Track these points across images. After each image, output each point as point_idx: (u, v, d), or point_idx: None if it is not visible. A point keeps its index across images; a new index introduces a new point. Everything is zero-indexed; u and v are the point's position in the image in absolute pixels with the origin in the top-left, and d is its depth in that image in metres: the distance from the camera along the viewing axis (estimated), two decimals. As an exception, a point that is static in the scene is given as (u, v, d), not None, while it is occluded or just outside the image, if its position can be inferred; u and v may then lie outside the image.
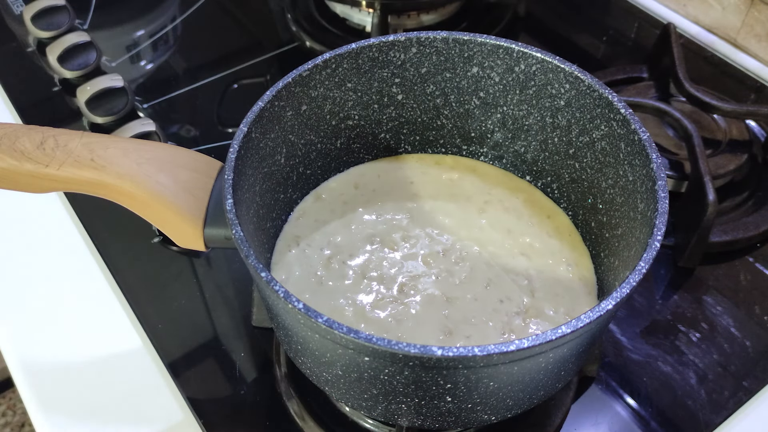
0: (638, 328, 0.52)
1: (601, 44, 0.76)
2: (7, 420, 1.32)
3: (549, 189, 0.51)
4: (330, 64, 0.46)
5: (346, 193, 0.51)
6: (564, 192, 0.50)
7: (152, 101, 0.68)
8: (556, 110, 0.47)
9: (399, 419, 0.40)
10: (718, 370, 0.49)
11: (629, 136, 0.42)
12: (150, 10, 0.79)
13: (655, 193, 0.39)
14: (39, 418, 0.48)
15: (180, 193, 0.41)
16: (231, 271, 0.55)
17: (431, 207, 0.50)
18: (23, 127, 0.42)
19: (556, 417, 0.47)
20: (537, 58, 0.46)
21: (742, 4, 0.71)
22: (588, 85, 0.44)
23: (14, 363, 0.50)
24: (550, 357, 0.36)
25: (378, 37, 0.47)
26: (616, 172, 0.44)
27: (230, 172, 0.39)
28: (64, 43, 0.67)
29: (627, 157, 0.43)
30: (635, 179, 0.42)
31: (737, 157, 0.59)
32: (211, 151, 0.63)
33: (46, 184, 0.41)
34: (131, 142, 0.42)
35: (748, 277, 0.55)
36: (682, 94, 0.63)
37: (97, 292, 0.54)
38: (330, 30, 0.76)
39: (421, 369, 0.34)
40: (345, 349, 0.35)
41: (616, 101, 0.43)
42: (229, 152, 0.40)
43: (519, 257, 0.47)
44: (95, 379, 0.49)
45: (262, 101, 0.43)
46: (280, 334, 0.42)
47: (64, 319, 0.53)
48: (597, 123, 0.45)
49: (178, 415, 0.48)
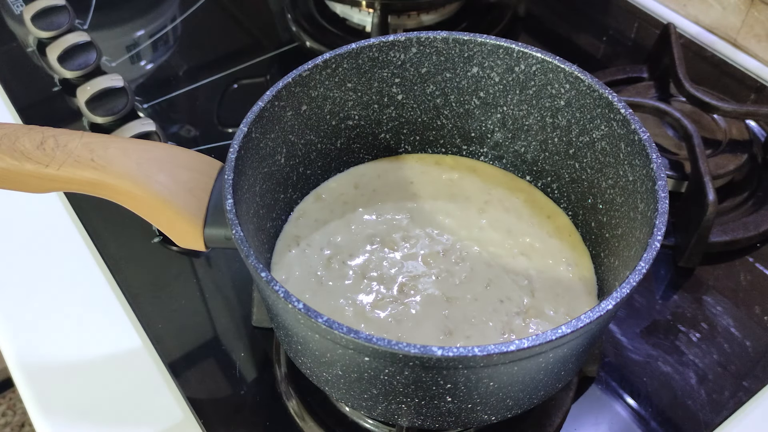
0: (638, 328, 0.52)
1: (601, 44, 0.76)
2: (7, 420, 1.32)
3: (549, 189, 0.51)
4: (330, 64, 0.46)
5: (346, 193, 0.51)
6: (564, 192, 0.50)
7: (152, 101, 0.69)
8: (556, 110, 0.47)
9: (399, 419, 0.40)
10: (718, 370, 0.49)
11: (629, 136, 0.42)
12: (150, 10, 0.79)
13: (655, 193, 0.39)
14: (39, 418, 0.48)
15: (180, 193, 0.41)
16: (231, 271, 0.55)
17: (431, 207, 0.50)
18: (23, 127, 0.42)
19: (556, 417, 0.47)
20: (537, 58, 0.46)
21: (742, 4, 0.71)
22: (588, 85, 0.44)
23: (14, 363, 0.50)
24: (550, 357, 0.36)
25: (378, 37, 0.47)
26: (616, 172, 0.44)
27: (230, 172, 0.39)
28: (64, 43, 0.67)
29: (627, 157, 0.43)
30: (635, 179, 0.42)
31: (737, 157, 0.59)
32: (211, 151, 0.63)
33: (46, 184, 0.41)
34: (131, 142, 0.42)
35: (748, 277, 0.55)
36: (682, 94, 0.63)
37: (97, 292, 0.54)
38: (330, 30, 0.76)
39: (421, 369, 0.34)
40: (345, 349, 0.35)
41: (616, 101, 0.43)
42: (229, 152, 0.40)
43: (519, 257, 0.47)
44: (95, 379, 0.49)
45: (262, 101, 0.43)
46: (280, 334, 0.42)
47: (64, 319, 0.53)
48: (597, 123, 0.45)
49: (178, 415, 0.48)
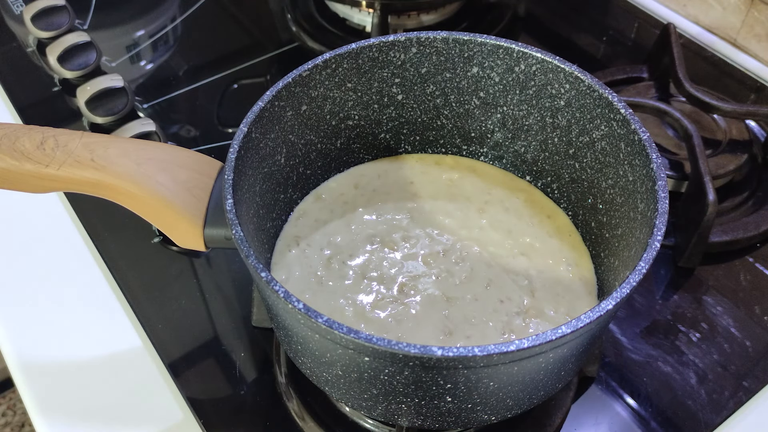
0: (638, 328, 0.52)
1: (601, 44, 0.76)
2: (7, 420, 1.32)
3: (549, 189, 0.51)
4: (330, 64, 0.46)
5: (346, 193, 0.51)
6: (564, 192, 0.50)
7: (152, 101, 0.69)
8: (556, 110, 0.47)
9: (399, 419, 0.40)
10: (718, 370, 0.49)
11: (629, 136, 0.42)
12: (150, 10, 0.79)
13: (655, 193, 0.39)
14: (39, 418, 0.48)
15: (180, 193, 0.41)
16: (231, 271, 0.55)
17: (431, 207, 0.50)
18: (23, 127, 0.42)
19: (556, 417, 0.47)
20: (537, 58, 0.46)
21: (742, 4, 0.71)
22: (588, 85, 0.44)
23: (14, 363, 0.50)
24: (550, 357, 0.36)
25: (378, 37, 0.47)
26: (616, 172, 0.44)
27: (230, 172, 0.39)
28: (64, 43, 0.67)
29: (627, 157, 0.43)
30: (635, 179, 0.42)
31: (737, 157, 0.59)
32: (211, 151, 0.63)
33: (46, 184, 0.41)
34: (131, 142, 0.42)
35: (748, 277, 0.55)
36: (682, 94, 0.63)
37: (97, 292, 0.54)
38: (330, 30, 0.76)
39: (421, 369, 0.34)
40: (345, 349, 0.35)
41: (616, 101, 0.43)
42: (229, 152, 0.40)
43: (519, 257, 0.47)
44: (95, 379, 0.49)
45: (262, 101, 0.43)
46: (280, 334, 0.42)
47: (64, 319, 0.53)
48: (597, 123, 0.45)
49: (178, 415, 0.48)
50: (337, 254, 0.47)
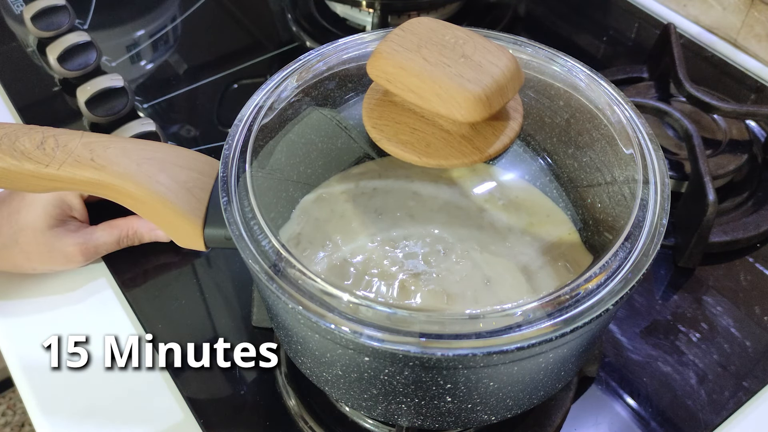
0: (638, 328, 0.52)
1: (601, 44, 0.76)
2: (7, 420, 1.32)
3: (548, 188, 0.51)
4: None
5: (347, 192, 0.51)
6: (564, 191, 0.50)
7: (152, 101, 0.68)
8: (556, 110, 0.47)
9: (399, 419, 0.40)
10: (718, 370, 0.49)
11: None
12: (150, 10, 0.79)
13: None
14: (39, 418, 0.48)
15: (180, 193, 0.41)
16: (231, 271, 0.55)
17: (432, 205, 0.50)
18: (23, 127, 0.42)
19: (556, 417, 0.47)
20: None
21: (742, 4, 0.71)
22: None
23: (14, 363, 0.50)
24: (550, 357, 0.36)
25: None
26: (614, 171, 0.44)
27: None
28: (64, 43, 0.67)
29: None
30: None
31: (737, 157, 0.59)
32: (211, 151, 0.63)
33: (46, 184, 0.41)
34: (131, 142, 0.42)
35: (748, 277, 0.55)
36: (682, 94, 0.63)
37: (97, 292, 0.54)
38: (330, 30, 0.76)
39: (421, 369, 0.34)
40: (345, 349, 0.35)
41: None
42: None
43: (519, 256, 0.47)
44: (95, 379, 0.49)
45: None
46: (280, 334, 0.42)
47: (64, 319, 0.52)
48: (597, 122, 0.45)
49: (178, 415, 0.48)
50: (337, 252, 0.47)
